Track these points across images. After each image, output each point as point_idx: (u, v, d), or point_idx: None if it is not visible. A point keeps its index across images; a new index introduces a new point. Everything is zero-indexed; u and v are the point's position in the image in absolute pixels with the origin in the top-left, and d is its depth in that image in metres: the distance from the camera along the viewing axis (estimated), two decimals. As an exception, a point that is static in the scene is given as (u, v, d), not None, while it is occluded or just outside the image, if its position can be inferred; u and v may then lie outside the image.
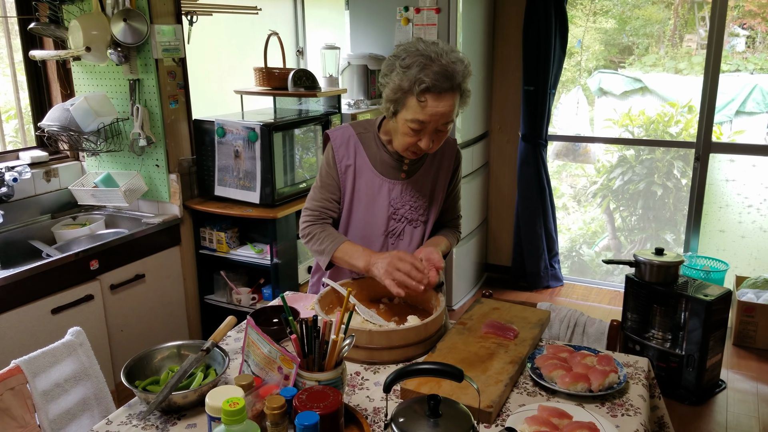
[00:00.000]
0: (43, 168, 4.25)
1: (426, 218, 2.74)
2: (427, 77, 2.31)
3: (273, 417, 1.68)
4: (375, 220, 2.70)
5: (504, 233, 6.63)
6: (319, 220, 2.71)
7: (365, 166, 2.67)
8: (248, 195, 4.38)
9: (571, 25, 6.09)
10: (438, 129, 2.43)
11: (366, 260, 2.51)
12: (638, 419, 1.98)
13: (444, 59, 2.33)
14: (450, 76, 2.33)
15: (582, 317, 2.97)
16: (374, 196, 2.68)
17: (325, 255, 2.61)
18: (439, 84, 2.31)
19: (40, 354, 2.49)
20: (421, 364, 1.71)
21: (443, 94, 2.34)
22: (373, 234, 2.71)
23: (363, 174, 2.67)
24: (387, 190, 2.67)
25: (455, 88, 2.36)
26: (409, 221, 2.71)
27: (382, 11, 5.36)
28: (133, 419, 2.01)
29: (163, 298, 4.36)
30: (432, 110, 2.35)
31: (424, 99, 2.34)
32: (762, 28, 6.66)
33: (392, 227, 2.71)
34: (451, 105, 2.37)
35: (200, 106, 4.69)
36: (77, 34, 3.92)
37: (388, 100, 2.46)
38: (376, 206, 2.68)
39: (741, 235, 5.90)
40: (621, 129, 7.01)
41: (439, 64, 2.32)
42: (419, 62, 2.33)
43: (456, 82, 2.35)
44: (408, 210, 2.70)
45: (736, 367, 4.89)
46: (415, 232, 2.73)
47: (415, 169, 2.70)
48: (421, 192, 2.71)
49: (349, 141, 2.68)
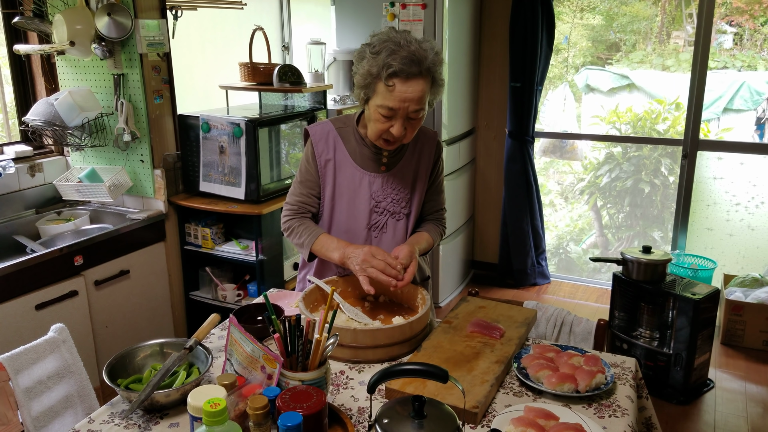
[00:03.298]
0: (28, 163, 4.21)
1: (408, 210, 2.74)
2: (394, 62, 2.33)
3: (256, 417, 1.66)
4: (357, 214, 2.71)
5: (491, 230, 6.63)
6: (297, 214, 2.74)
7: (345, 160, 2.69)
8: (233, 191, 4.36)
9: (558, 21, 6.08)
10: (409, 116, 2.44)
11: (341, 252, 2.55)
12: (626, 420, 1.97)
13: (413, 46, 2.36)
14: (417, 61, 2.35)
15: (569, 316, 2.96)
16: (356, 189, 2.69)
17: (305, 248, 2.66)
18: (406, 68, 2.33)
19: (22, 351, 2.47)
20: (405, 365, 1.69)
21: (411, 79, 2.36)
22: (357, 228, 2.72)
23: (343, 168, 2.69)
24: (368, 183, 2.69)
25: (424, 74, 2.38)
26: (391, 214, 2.72)
27: (368, 7, 5.34)
28: (115, 418, 1.99)
29: (148, 294, 4.34)
30: (400, 95, 2.37)
31: (392, 84, 2.36)
32: (749, 25, 6.67)
33: (375, 220, 2.71)
34: (420, 90, 2.38)
35: (185, 102, 4.66)
36: (61, 28, 3.89)
37: (359, 87, 2.50)
38: (358, 200, 2.69)
39: (729, 233, 5.91)
40: (608, 126, 7.01)
41: (408, 49, 2.35)
42: (388, 48, 2.36)
43: (424, 67, 2.37)
44: (390, 203, 2.70)
45: (724, 366, 4.89)
46: (398, 225, 2.73)
47: (395, 161, 2.71)
48: (402, 184, 2.71)
49: (329, 136, 2.70)
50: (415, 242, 2.66)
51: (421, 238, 2.72)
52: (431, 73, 2.40)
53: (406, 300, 2.64)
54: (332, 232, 2.75)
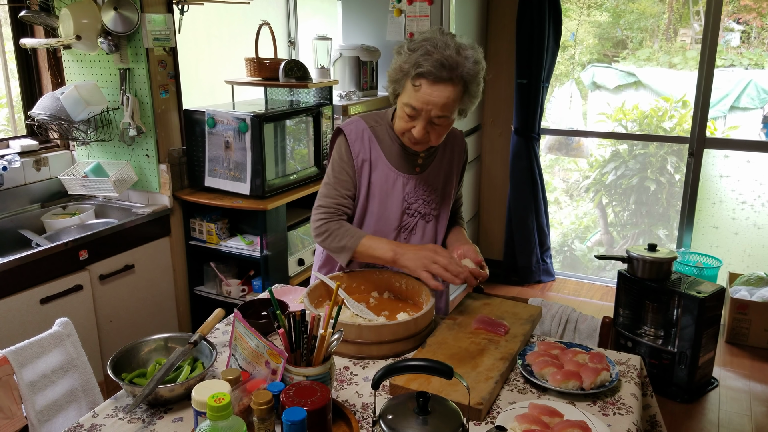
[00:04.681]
0: (33, 157, 4.21)
1: (438, 213, 2.72)
2: (426, 62, 2.30)
3: (260, 412, 1.66)
4: (389, 215, 2.67)
5: (496, 227, 6.62)
6: (335, 216, 2.62)
7: (380, 160, 2.63)
8: (238, 186, 4.35)
9: (565, 18, 6.07)
10: (433, 121, 2.40)
11: (393, 252, 2.48)
12: (630, 418, 1.96)
13: (450, 50, 2.31)
14: (450, 67, 2.30)
15: (574, 313, 2.95)
16: (389, 190, 2.64)
17: (346, 251, 2.55)
18: (435, 71, 2.29)
19: (27, 345, 2.47)
20: (410, 361, 1.69)
21: (439, 83, 2.31)
22: (386, 229, 2.68)
23: (378, 168, 2.64)
24: (402, 184, 2.65)
25: (455, 81, 2.33)
26: (422, 215, 2.69)
27: (375, 2, 5.33)
28: (119, 412, 1.99)
29: (152, 288, 4.34)
30: (425, 96, 2.34)
31: (419, 84, 2.33)
32: (757, 23, 6.65)
33: (405, 222, 2.68)
34: (446, 97, 2.34)
35: (191, 96, 4.66)
36: (68, 22, 3.89)
37: (390, 81, 2.48)
38: (391, 201, 2.65)
39: (735, 232, 5.89)
40: (614, 123, 7.00)
41: (443, 53, 2.30)
42: (424, 47, 2.33)
43: (456, 74, 2.32)
44: (421, 204, 2.68)
45: (729, 365, 4.89)
46: (427, 227, 2.72)
47: (428, 162, 2.69)
48: (433, 186, 2.69)
49: (363, 135, 2.63)
50: (466, 240, 2.70)
51: (462, 235, 2.76)
52: (464, 81, 2.35)
53: (410, 296, 2.64)
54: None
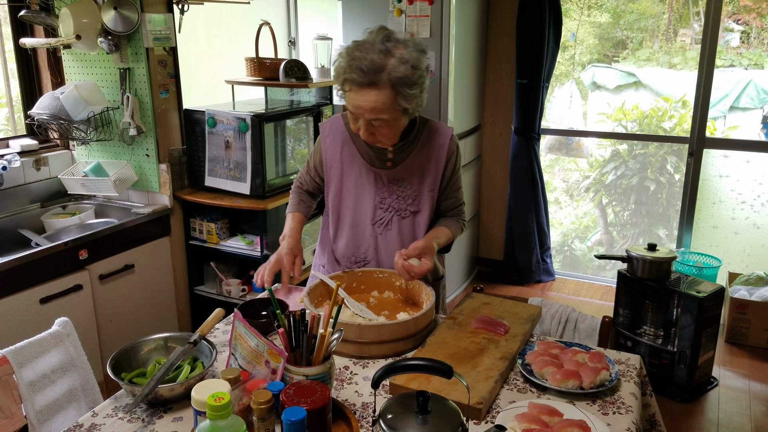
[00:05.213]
0: (33, 156, 4.22)
1: (416, 209, 2.72)
2: (349, 68, 2.34)
3: (260, 412, 1.66)
4: (363, 209, 2.73)
5: (496, 227, 6.62)
6: (297, 188, 2.99)
7: (354, 156, 2.71)
8: (239, 186, 4.36)
9: (565, 18, 6.07)
10: (371, 123, 2.42)
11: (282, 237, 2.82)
12: (630, 417, 1.96)
13: (374, 54, 2.32)
14: (372, 71, 2.31)
15: (573, 313, 2.95)
16: (362, 185, 2.71)
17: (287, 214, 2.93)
18: (357, 77, 2.32)
19: (26, 344, 2.47)
20: (409, 360, 1.69)
21: (363, 88, 2.34)
22: (362, 222, 2.75)
23: (351, 163, 2.72)
24: (374, 179, 2.70)
25: (380, 84, 2.33)
26: (396, 211, 2.71)
27: (375, 2, 5.32)
28: (119, 412, 1.99)
29: (152, 288, 4.34)
30: (354, 101, 2.39)
31: (348, 89, 2.39)
32: (757, 24, 6.65)
33: (379, 216, 2.72)
34: (374, 101, 2.34)
35: (191, 96, 4.66)
36: (68, 21, 3.89)
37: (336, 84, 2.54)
38: (364, 195, 2.72)
39: (734, 232, 5.90)
40: (614, 123, 6.99)
41: (365, 58, 2.32)
42: (351, 53, 2.37)
43: (381, 78, 2.32)
44: (395, 200, 2.70)
45: (728, 365, 4.89)
46: (403, 223, 2.73)
47: (401, 158, 2.69)
48: (407, 182, 2.70)
49: (338, 131, 2.74)
50: (433, 237, 2.65)
51: (440, 232, 2.71)
52: (392, 84, 2.33)
53: (411, 296, 2.64)
54: (339, 225, 2.79)
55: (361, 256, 2.79)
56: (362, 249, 2.78)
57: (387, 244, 2.74)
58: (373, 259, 2.78)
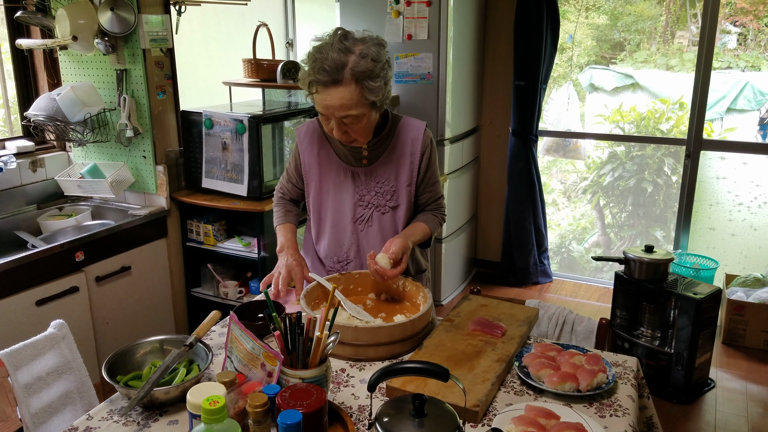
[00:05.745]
0: (30, 158, 4.21)
1: (395, 204, 2.76)
2: (313, 70, 2.39)
3: (255, 415, 1.66)
4: (343, 208, 2.79)
5: (493, 228, 6.62)
6: (279, 198, 3.06)
7: (330, 157, 2.78)
8: (236, 187, 4.35)
9: (563, 20, 6.07)
10: (342, 121, 2.46)
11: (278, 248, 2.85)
12: (627, 420, 1.96)
13: (333, 53, 2.37)
14: (334, 69, 2.36)
15: (570, 315, 2.95)
16: (341, 184, 2.77)
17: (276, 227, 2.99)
18: (321, 77, 2.37)
19: (21, 347, 2.46)
20: (406, 363, 1.69)
21: (329, 87, 2.39)
22: (343, 221, 2.80)
23: (329, 164, 2.78)
24: (351, 177, 2.76)
25: (344, 81, 2.38)
26: (376, 207, 2.76)
27: (373, 3, 5.32)
28: (114, 415, 1.98)
29: (149, 290, 4.33)
30: (322, 101, 2.43)
31: (315, 90, 2.43)
32: (753, 26, 6.65)
33: (360, 214, 2.77)
34: (342, 98, 2.39)
35: (188, 97, 4.66)
36: (64, 23, 3.88)
37: None
38: (344, 193, 2.78)
39: (731, 233, 5.90)
40: (612, 125, 6.99)
41: (326, 58, 2.37)
42: (313, 56, 2.42)
43: (342, 75, 2.36)
44: (374, 196, 2.75)
45: (726, 366, 4.88)
46: (384, 219, 2.77)
47: (377, 155, 2.73)
48: (384, 177, 2.75)
49: (313, 134, 2.81)
50: (409, 234, 2.68)
51: (416, 229, 2.74)
52: (356, 78, 2.38)
53: (407, 298, 2.63)
54: (321, 226, 2.86)
55: (344, 255, 2.84)
56: (344, 248, 2.83)
57: (368, 241, 2.79)
58: (356, 257, 2.83)
